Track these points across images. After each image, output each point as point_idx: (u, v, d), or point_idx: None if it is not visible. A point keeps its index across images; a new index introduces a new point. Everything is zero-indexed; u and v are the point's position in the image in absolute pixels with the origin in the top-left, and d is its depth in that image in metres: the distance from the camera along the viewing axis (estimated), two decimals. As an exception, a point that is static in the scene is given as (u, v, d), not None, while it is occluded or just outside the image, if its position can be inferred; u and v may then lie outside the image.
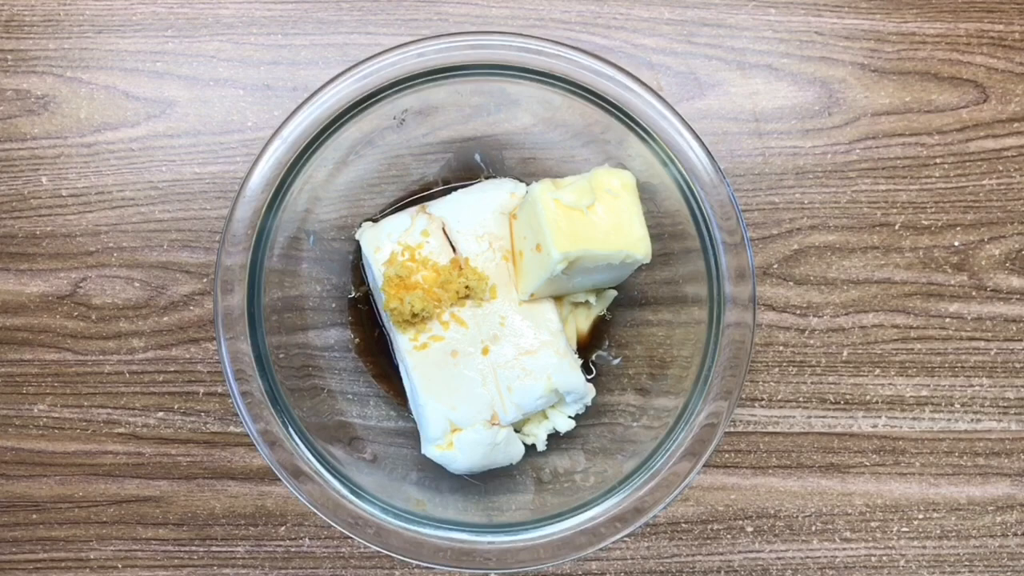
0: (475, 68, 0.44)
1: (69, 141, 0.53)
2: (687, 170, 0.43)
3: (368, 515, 0.42)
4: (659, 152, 0.44)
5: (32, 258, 0.53)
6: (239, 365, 0.43)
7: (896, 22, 0.53)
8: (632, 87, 0.43)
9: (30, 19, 0.53)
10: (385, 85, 0.43)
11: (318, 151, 0.44)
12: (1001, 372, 0.54)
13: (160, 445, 0.53)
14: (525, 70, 0.44)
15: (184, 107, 0.53)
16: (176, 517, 0.53)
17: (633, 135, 0.44)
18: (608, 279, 0.47)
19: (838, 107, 0.53)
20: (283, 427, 0.43)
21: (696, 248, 0.45)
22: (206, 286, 0.53)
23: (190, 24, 0.53)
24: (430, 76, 0.44)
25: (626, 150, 0.45)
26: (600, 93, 0.44)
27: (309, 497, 0.42)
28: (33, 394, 0.53)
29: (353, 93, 0.43)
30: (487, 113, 0.48)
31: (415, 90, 0.44)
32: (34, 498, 0.53)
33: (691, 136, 0.43)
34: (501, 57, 0.43)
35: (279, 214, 0.44)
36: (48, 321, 0.53)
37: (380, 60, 0.43)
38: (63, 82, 0.53)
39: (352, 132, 0.45)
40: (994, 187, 0.53)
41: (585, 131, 0.46)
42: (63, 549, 0.53)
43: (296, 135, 0.43)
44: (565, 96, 0.44)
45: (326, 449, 0.44)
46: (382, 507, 0.43)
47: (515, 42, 0.43)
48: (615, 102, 0.43)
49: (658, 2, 0.53)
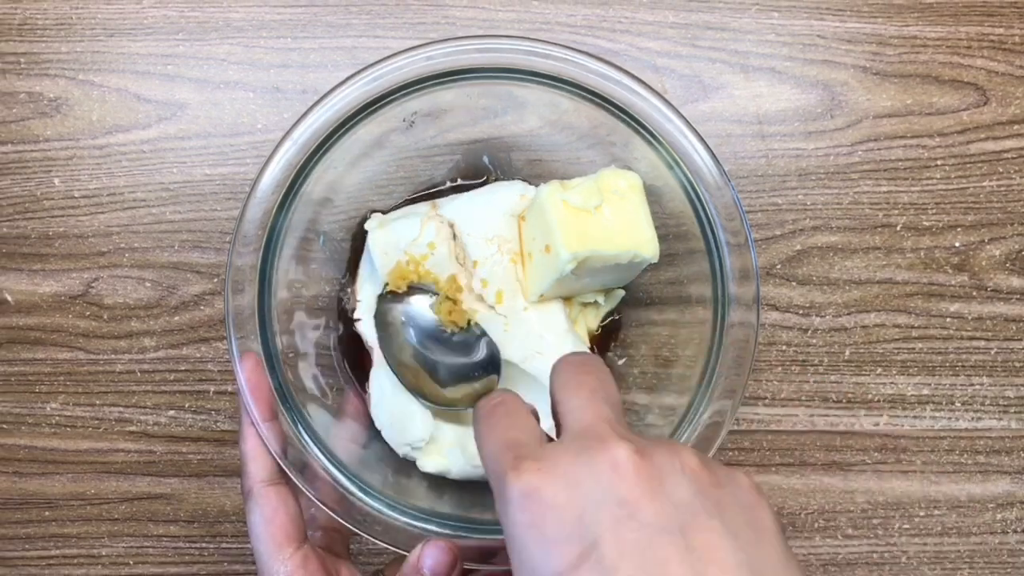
0: (483, 71, 0.44)
1: (81, 143, 0.54)
2: (692, 172, 0.44)
3: (375, 512, 0.43)
4: (664, 154, 0.44)
5: (45, 258, 0.54)
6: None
7: (897, 26, 0.54)
8: (638, 90, 0.44)
9: (43, 23, 0.54)
10: (394, 88, 0.44)
11: (328, 153, 0.45)
12: (1001, 371, 0.54)
13: (171, 443, 0.54)
14: (533, 73, 0.44)
15: (195, 109, 0.54)
16: (187, 514, 0.54)
17: (639, 137, 0.45)
18: (616, 279, 0.48)
19: (840, 110, 0.54)
20: (292, 425, 0.43)
21: (700, 249, 0.45)
22: (217, 286, 0.53)
23: (201, 28, 0.54)
24: (439, 79, 0.44)
25: (631, 152, 0.46)
26: (606, 96, 0.44)
27: (318, 494, 0.43)
28: (46, 393, 0.54)
29: (362, 96, 0.44)
30: (495, 115, 0.49)
31: (423, 93, 0.45)
32: (47, 495, 0.54)
33: (696, 139, 0.44)
34: (509, 60, 0.44)
35: (289, 215, 0.45)
36: (61, 321, 0.54)
37: (389, 63, 0.44)
38: (75, 85, 0.54)
39: (361, 134, 0.46)
40: (994, 188, 0.54)
41: (591, 133, 0.47)
42: (75, 546, 0.54)
43: (306, 137, 0.44)
44: (572, 99, 0.45)
45: (334, 447, 0.45)
46: (389, 504, 0.43)
47: (523, 46, 0.43)
48: (621, 105, 0.44)
49: (663, 6, 0.54)
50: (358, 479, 0.44)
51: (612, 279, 0.47)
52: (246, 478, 0.41)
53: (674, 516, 0.26)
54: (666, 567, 0.25)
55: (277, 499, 0.40)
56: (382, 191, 0.50)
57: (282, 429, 0.42)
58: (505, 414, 0.32)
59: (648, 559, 0.25)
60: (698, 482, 0.27)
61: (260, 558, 0.39)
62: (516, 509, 0.27)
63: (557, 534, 0.26)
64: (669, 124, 0.44)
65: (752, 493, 0.28)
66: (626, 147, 0.46)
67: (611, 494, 0.27)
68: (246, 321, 0.43)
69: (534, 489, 0.27)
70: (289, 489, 0.41)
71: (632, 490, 0.27)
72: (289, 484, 0.41)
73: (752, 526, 0.27)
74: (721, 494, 0.27)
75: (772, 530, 0.28)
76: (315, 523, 0.44)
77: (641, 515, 0.26)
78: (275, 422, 0.41)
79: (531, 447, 0.29)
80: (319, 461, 0.43)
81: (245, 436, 0.41)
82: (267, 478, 0.40)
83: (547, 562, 0.26)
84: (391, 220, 0.48)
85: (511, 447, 0.30)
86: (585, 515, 0.26)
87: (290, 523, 0.40)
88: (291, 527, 0.40)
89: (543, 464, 0.28)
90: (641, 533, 0.26)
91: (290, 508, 0.40)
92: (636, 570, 0.25)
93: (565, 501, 0.27)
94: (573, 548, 0.26)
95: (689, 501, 0.27)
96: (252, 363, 0.41)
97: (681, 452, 0.28)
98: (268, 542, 0.39)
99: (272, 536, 0.39)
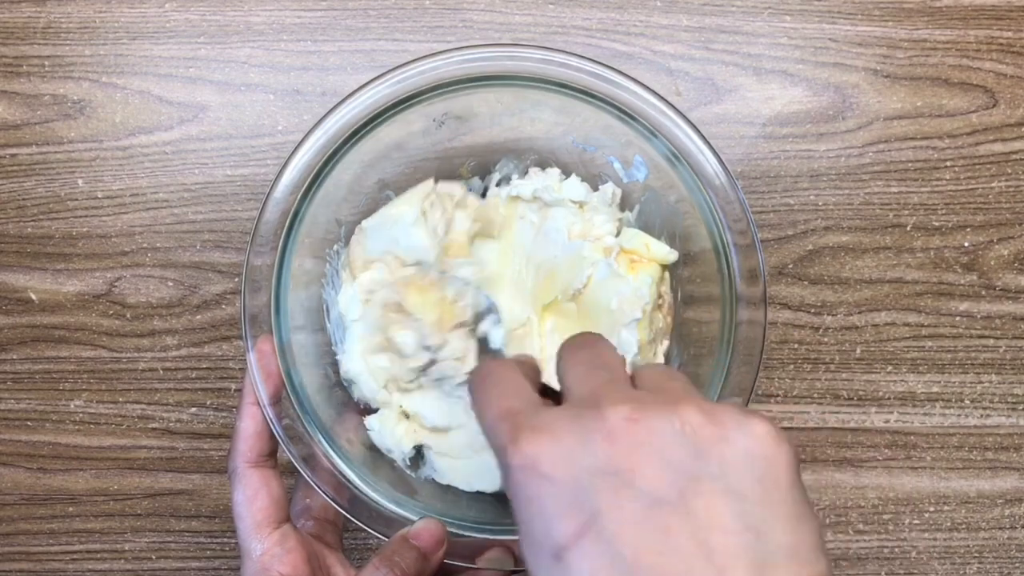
0: (501, 78, 0.45)
1: (105, 144, 0.54)
2: (699, 175, 0.45)
3: (388, 511, 0.44)
4: (672, 157, 0.45)
5: (69, 258, 0.54)
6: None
7: (908, 29, 0.55)
8: (646, 96, 0.44)
9: (67, 26, 0.54)
10: (413, 92, 0.45)
11: (345, 155, 0.45)
12: (1010, 369, 0.55)
13: (193, 440, 0.55)
14: (547, 81, 0.45)
15: (216, 111, 0.54)
16: (208, 510, 0.55)
17: (648, 142, 0.45)
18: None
19: (851, 112, 0.55)
20: (306, 425, 0.44)
21: (709, 249, 0.46)
22: (238, 285, 0.54)
23: (222, 31, 0.55)
24: (459, 84, 0.45)
25: (642, 155, 0.47)
26: (618, 102, 0.45)
27: (333, 493, 0.43)
28: (70, 390, 0.55)
29: (380, 100, 0.45)
30: (510, 115, 0.50)
31: (446, 97, 0.45)
32: (71, 491, 0.55)
33: (703, 143, 0.44)
34: (527, 69, 0.45)
35: (307, 215, 0.45)
36: (84, 319, 0.54)
37: (410, 68, 0.45)
38: (99, 87, 0.54)
39: (381, 136, 0.46)
40: (1003, 189, 0.55)
41: (603, 136, 0.48)
42: (99, 541, 0.55)
43: (324, 140, 0.45)
44: (585, 104, 0.46)
45: (347, 447, 0.45)
46: (398, 503, 0.44)
47: (549, 56, 0.44)
48: (632, 112, 0.45)
49: (677, 10, 0.54)
50: (370, 478, 0.44)
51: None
52: (233, 457, 0.41)
53: (673, 481, 0.26)
54: (668, 535, 0.25)
55: (259, 480, 0.41)
56: (400, 192, 0.51)
57: (284, 413, 0.42)
58: (495, 383, 0.31)
59: (649, 528, 0.25)
60: (699, 441, 0.26)
61: (240, 535, 0.40)
62: (516, 483, 0.27)
63: (557, 507, 0.26)
64: (677, 129, 0.44)
65: (767, 442, 0.27)
66: (630, 147, 0.47)
67: (607, 463, 0.26)
68: (263, 320, 0.44)
69: (532, 461, 0.27)
70: (274, 472, 0.42)
71: (627, 458, 0.26)
72: (274, 468, 0.42)
73: (763, 481, 0.26)
74: (726, 450, 0.26)
75: (786, 483, 0.26)
76: (308, 513, 0.45)
77: (638, 483, 0.26)
78: (278, 407, 0.42)
79: (527, 413, 0.29)
80: (322, 447, 0.43)
81: (242, 415, 0.42)
82: (253, 459, 0.41)
83: (549, 535, 0.26)
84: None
85: (506, 417, 0.29)
86: (583, 486, 0.26)
87: (271, 504, 0.41)
88: (272, 508, 0.40)
89: (539, 433, 0.27)
90: (639, 502, 0.25)
91: (272, 490, 0.41)
92: (638, 540, 0.25)
93: (563, 473, 0.26)
94: (573, 520, 0.26)
95: (688, 463, 0.26)
96: (267, 347, 0.42)
97: (681, 408, 0.27)
98: (248, 520, 0.40)
99: (252, 515, 0.40)
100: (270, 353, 0.42)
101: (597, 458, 0.26)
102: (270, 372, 0.42)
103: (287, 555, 0.40)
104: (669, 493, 0.25)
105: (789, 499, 0.26)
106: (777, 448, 0.27)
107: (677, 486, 0.25)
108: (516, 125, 0.50)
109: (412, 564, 0.39)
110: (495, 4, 0.55)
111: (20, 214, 0.54)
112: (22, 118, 0.54)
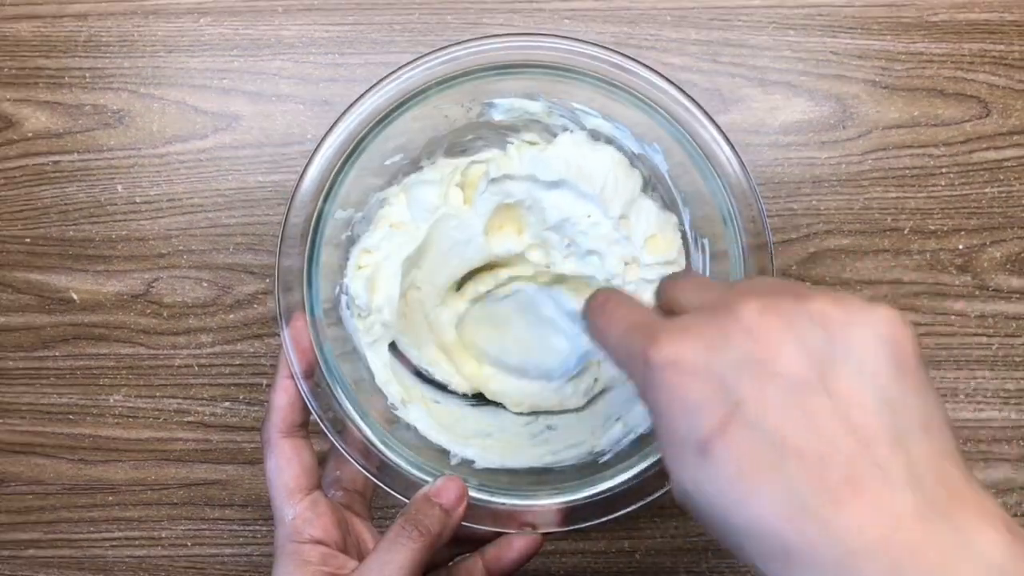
0: (540, 67, 0.46)
1: (143, 152, 0.57)
2: (721, 176, 0.47)
3: (414, 477, 0.44)
4: (696, 157, 0.47)
5: (108, 260, 0.57)
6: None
7: (905, 42, 0.58)
8: (676, 96, 0.46)
9: (107, 39, 0.57)
10: (424, 86, 0.46)
11: (362, 155, 0.47)
12: (1002, 365, 0.58)
13: (227, 432, 0.57)
14: (584, 74, 0.46)
15: (248, 121, 0.57)
16: (241, 499, 0.58)
17: (674, 141, 0.47)
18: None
19: (852, 121, 0.58)
20: (336, 395, 0.45)
21: (723, 250, 0.48)
22: (269, 286, 0.57)
23: (254, 44, 0.57)
24: (502, 69, 0.47)
25: (666, 154, 0.49)
26: (650, 100, 0.46)
27: (363, 460, 0.44)
28: (109, 385, 0.57)
29: (389, 100, 0.46)
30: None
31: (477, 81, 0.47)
32: (110, 481, 0.58)
33: (728, 146, 0.46)
34: (563, 60, 0.46)
35: (330, 213, 0.47)
36: (123, 318, 0.57)
37: (411, 66, 0.46)
38: (137, 98, 0.57)
39: (398, 126, 0.48)
40: (996, 195, 0.58)
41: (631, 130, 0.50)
42: (137, 528, 0.58)
43: (340, 141, 0.46)
44: (618, 101, 0.47)
45: (388, 433, 0.47)
46: (422, 468, 0.45)
47: (575, 47, 0.46)
48: (662, 110, 0.46)
49: (686, 24, 0.57)
50: (388, 436, 0.46)
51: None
52: (267, 428, 0.43)
53: (811, 365, 0.26)
54: (812, 415, 0.26)
55: (291, 450, 0.43)
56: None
57: (318, 387, 0.44)
58: (619, 304, 0.33)
59: (793, 410, 0.26)
60: (830, 326, 0.27)
61: (273, 502, 0.42)
62: (658, 383, 0.28)
63: (701, 398, 0.27)
64: (704, 131, 0.46)
65: (892, 325, 0.27)
66: (654, 145, 0.49)
67: (747, 354, 0.27)
68: (296, 318, 0.46)
69: (676, 357, 0.28)
70: (305, 442, 0.44)
71: (767, 347, 0.27)
72: (306, 438, 0.44)
73: (891, 361, 0.27)
74: (857, 333, 0.27)
75: (912, 363, 0.27)
76: (339, 484, 0.46)
77: (779, 369, 0.26)
78: (311, 381, 0.44)
79: (660, 323, 0.29)
80: (352, 418, 0.45)
81: (277, 388, 0.43)
82: (285, 430, 0.43)
83: (694, 428, 0.27)
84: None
85: (639, 327, 0.30)
86: (726, 377, 0.27)
87: (303, 473, 0.42)
88: (304, 477, 0.42)
89: (679, 332, 0.28)
90: (782, 387, 0.26)
91: (304, 459, 0.43)
92: (784, 422, 0.26)
93: (705, 366, 0.27)
94: (718, 411, 0.27)
95: (823, 348, 0.27)
96: (300, 323, 0.44)
97: (807, 298, 0.28)
98: (280, 487, 0.42)
99: (284, 483, 0.42)
100: (303, 328, 0.44)
101: (738, 350, 0.27)
102: (303, 347, 0.44)
103: (318, 519, 0.42)
104: (809, 376, 0.26)
105: (917, 377, 0.27)
106: (903, 330, 0.28)
107: (816, 369, 0.26)
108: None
109: (436, 522, 0.40)
110: (513, 19, 0.57)
111: (62, 218, 0.57)
112: (64, 127, 0.57)
